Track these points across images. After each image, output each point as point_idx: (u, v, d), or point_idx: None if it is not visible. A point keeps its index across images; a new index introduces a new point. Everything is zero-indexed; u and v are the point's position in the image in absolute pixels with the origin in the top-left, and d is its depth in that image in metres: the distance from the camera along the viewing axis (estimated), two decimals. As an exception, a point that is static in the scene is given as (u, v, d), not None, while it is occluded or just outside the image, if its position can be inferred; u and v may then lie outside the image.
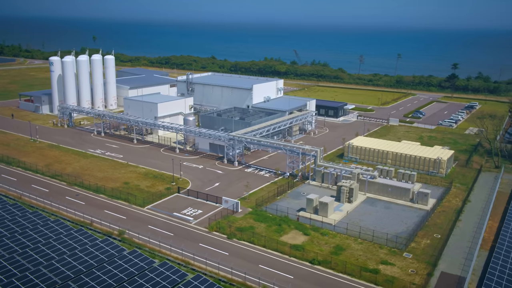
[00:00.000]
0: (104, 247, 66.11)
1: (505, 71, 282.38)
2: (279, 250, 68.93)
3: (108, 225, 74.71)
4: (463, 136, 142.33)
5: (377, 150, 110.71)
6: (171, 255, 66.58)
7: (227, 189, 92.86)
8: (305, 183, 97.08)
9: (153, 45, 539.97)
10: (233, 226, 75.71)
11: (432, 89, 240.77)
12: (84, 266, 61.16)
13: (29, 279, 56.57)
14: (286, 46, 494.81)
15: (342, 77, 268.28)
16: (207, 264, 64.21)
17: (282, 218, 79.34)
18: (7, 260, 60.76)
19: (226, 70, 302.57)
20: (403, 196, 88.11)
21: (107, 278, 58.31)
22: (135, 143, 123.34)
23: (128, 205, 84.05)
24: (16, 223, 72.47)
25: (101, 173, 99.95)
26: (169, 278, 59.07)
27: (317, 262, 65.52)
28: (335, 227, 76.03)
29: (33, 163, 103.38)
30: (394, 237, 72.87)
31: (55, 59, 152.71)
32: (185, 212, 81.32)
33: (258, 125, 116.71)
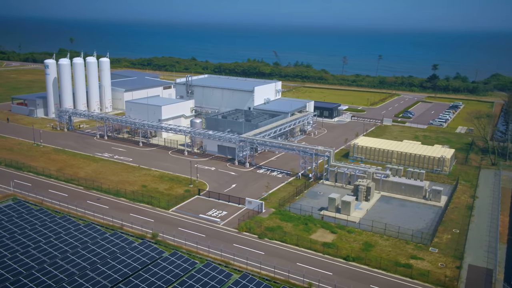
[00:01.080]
0: (144, 249, 66.95)
1: (481, 72, 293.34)
2: (312, 248, 71.24)
3: (140, 228, 75.34)
4: (455, 135, 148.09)
5: (382, 150, 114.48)
6: (210, 256, 67.94)
7: (245, 190, 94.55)
8: (319, 183, 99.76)
9: (134, 46, 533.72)
10: (262, 226, 77.58)
11: (415, 90, 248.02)
12: (129, 269, 61.97)
13: (79, 283, 57.07)
14: (267, 47, 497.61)
15: (326, 78, 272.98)
16: (248, 264, 65.89)
17: (307, 217, 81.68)
18: (51, 266, 60.94)
19: (210, 71, 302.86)
20: (416, 194, 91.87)
21: (155, 280, 59.35)
22: (141, 146, 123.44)
23: (152, 208, 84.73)
24: (47, 228, 72.33)
25: (116, 176, 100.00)
26: (215, 278, 60.54)
27: (351, 259, 68.15)
28: (360, 225, 78.89)
29: (44, 168, 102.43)
30: (418, 233, 76.27)
31: (50, 62, 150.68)
32: (210, 214, 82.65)
33: (265, 126, 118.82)
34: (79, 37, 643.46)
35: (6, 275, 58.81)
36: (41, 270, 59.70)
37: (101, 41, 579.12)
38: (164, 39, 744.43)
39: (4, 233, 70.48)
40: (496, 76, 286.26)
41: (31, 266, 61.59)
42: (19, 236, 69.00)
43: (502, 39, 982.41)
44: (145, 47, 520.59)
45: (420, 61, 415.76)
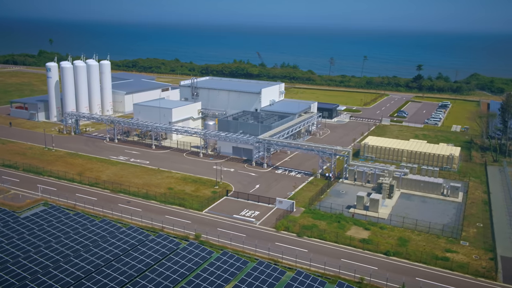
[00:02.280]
0: (194, 250, 68.41)
1: (461, 72, 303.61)
2: (351, 244, 74.10)
3: (183, 230, 76.62)
4: (452, 133, 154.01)
5: (392, 149, 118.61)
6: (257, 255, 69.93)
7: (269, 190, 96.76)
8: (338, 182, 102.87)
9: (119, 48, 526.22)
10: (297, 225, 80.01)
11: (401, 90, 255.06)
12: (185, 269, 63.41)
13: (142, 284, 58.23)
14: (250, 48, 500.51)
15: (314, 79, 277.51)
16: (297, 262, 68.23)
17: (337, 215, 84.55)
18: (109, 268, 61.78)
19: (196, 72, 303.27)
20: (435, 190, 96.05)
21: (214, 279, 60.99)
22: (153, 148, 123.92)
23: (185, 210, 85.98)
24: (91, 232, 72.80)
25: (139, 179, 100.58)
26: (271, 275, 62.63)
27: (392, 254, 71.35)
28: (391, 221, 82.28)
29: (64, 172, 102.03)
30: (446, 227, 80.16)
31: (52, 65, 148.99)
32: (243, 214, 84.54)
33: (278, 128, 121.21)
34: (64, 38, 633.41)
35: (66, 279, 59.35)
36: (100, 272, 60.52)
37: (83, 42, 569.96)
38: (149, 40, 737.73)
39: (49, 238, 70.64)
40: (475, 76, 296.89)
41: (88, 269, 62.25)
42: (66, 240, 69.30)
43: (480, 40, 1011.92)
44: (129, 49, 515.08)
45: (402, 62, 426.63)
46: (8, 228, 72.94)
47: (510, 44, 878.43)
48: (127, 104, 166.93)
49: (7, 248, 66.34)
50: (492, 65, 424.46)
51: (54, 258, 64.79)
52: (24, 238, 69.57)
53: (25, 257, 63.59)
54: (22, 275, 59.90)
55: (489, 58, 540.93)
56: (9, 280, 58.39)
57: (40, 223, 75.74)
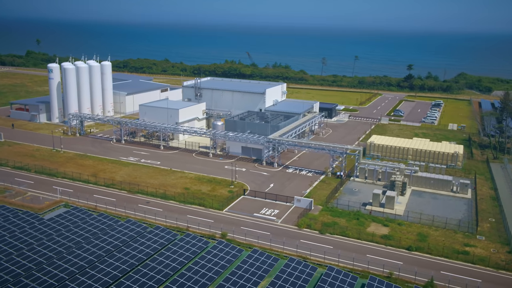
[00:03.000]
0: (224, 248, 69.67)
1: (448, 72, 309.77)
2: (373, 240, 76.24)
3: (208, 229, 77.73)
4: (450, 132, 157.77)
5: (398, 147, 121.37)
6: (285, 252, 71.53)
7: (284, 189, 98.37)
8: (350, 180, 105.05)
9: (106, 48, 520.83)
10: (318, 222, 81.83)
11: (393, 89, 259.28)
12: (219, 267, 64.68)
13: (180, 283, 59.36)
14: (239, 49, 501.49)
15: (306, 79, 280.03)
16: (325, 258, 70.05)
17: (355, 212, 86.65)
18: (145, 267, 62.67)
19: (188, 73, 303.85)
20: (444, 187, 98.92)
21: (249, 276, 62.38)
22: (162, 149, 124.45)
23: (205, 209, 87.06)
24: (119, 232, 73.44)
25: (153, 180, 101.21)
26: (304, 272, 64.31)
27: (414, 249, 73.68)
28: (408, 218, 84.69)
29: (78, 173, 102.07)
30: (460, 222, 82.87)
31: (54, 66, 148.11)
32: (263, 213, 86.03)
33: (286, 127, 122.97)
34: (54, 38, 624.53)
35: (104, 278, 60.08)
36: (138, 271, 61.40)
37: (72, 43, 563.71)
38: (140, 40, 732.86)
39: (78, 239, 71.07)
40: (463, 75, 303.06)
41: (123, 269, 63.04)
42: (96, 241, 69.84)
43: (468, 41, 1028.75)
44: (119, 49, 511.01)
45: (393, 62, 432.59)
46: (35, 229, 73.12)
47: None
48: (128, 105, 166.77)
49: (39, 250, 66.63)
50: (491, 66, 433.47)
51: (88, 258, 65.37)
52: (54, 239, 69.89)
53: (59, 258, 64.07)
54: (59, 276, 60.40)
55: (493, 58, 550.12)
56: (48, 281, 58.85)
57: (66, 224, 76.05)
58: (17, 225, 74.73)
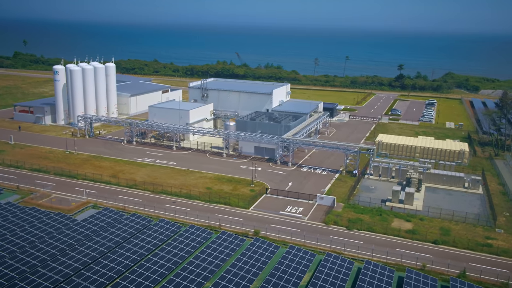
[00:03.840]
0: (261, 245, 71.77)
1: (436, 71, 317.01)
2: (400, 235, 79.30)
3: (241, 228, 79.69)
4: (449, 130, 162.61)
5: (406, 145, 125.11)
6: (319, 248, 74.01)
7: (303, 187, 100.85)
8: (364, 178, 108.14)
9: (94, 49, 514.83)
10: (344, 219, 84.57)
11: (384, 88, 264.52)
12: (261, 263, 66.78)
13: (222, 283, 61.34)
14: (227, 49, 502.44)
15: (299, 79, 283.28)
16: (359, 253, 72.80)
17: (377, 208, 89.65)
18: (191, 264, 64.40)
19: (181, 73, 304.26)
20: (457, 183, 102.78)
21: (292, 271, 64.69)
22: (174, 150, 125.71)
23: (231, 208, 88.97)
24: (156, 231, 74.83)
25: (174, 180, 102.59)
26: (342, 266, 66.88)
27: (440, 242, 76.99)
28: (428, 213, 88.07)
29: (99, 175, 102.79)
30: (477, 216, 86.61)
31: (60, 68, 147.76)
32: (289, 210, 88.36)
33: (297, 127, 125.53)
34: (41, 39, 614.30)
35: (153, 276, 61.62)
36: (184, 269, 63.10)
37: (61, 43, 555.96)
38: (130, 41, 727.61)
39: (117, 239, 72.24)
40: (450, 74, 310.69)
41: (169, 267, 64.67)
42: (136, 240, 71.17)
43: (454, 41, 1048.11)
44: (107, 50, 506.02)
45: (383, 63, 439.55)
46: (72, 230, 73.97)
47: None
48: (132, 106, 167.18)
49: (82, 250, 67.62)
50: (477, 66, 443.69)
51: (131, 257, 66.75)
52: (93, 240, 70.96)
53: (104, 258, 65.30)
54: (108, 275, 61.69)
55: (479, 59, 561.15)
56: (98, 280, 60.13)
57: (101, 224, 77.07)
58: (53, 227, 75.48)
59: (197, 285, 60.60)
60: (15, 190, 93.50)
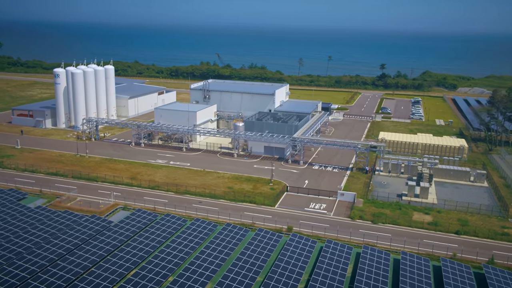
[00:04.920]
0: (300, 240, 74.81)
1: (414, 70, 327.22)
2: (424, 227, 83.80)
3: (274, 225, 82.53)
4: (440, 127, 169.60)
5: (408, 142, 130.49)
6: (353, 242, 77.64)
7: (320, 184, 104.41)
8: (374, 174, 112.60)
9: (70, 50, 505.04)
10: (367, 213, 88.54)
11: (368, 87, 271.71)
12: (304, 257, 69.90)
13: (269, 285, 64.20)
14: (206, 50, 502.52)
15: (284, 79, 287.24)
16: (391, 245, 76.82)
17: (395, 203, 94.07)
18: (239, 260, 66.88)
19: (165, 75, 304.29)
20: (463, 177, 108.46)
21: (336, 263, 68.08)
22: (184, 151, 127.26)
23: (257, 206, 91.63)
24: (194, 230, 76.89)
25: (193, 180, 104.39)
26: (381, 258, 70.67)
27: (462, 232, 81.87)
28: (445, 206, 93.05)
29: (120, 177, 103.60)
30: (490, 207, 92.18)
31: (60, 71, 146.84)
32: (313, 207, 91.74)
33: (303, 127, 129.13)
34: (20, 41, 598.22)
35: (204, 273, 63.84)
36: (230, 271, 65.56)
37: (39, 45, 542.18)
38: (110, 42, 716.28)
39: (159, 238, 73.98)
40: (427, 73, 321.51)
41: (218, 263, 67.00)
42: (179, 239, 73.05)
43: (431, 40, 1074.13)
44: (84, 52, 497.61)
45: (361, 62, 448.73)
46: (113, 231, 75.20)
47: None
48: (130, 108, 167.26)
49: (129, 250, 69.09)
50: (452, 65, 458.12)
51: (179, 256, 68.71)
52: (137, 240, 72.45)
53: (154, 257, 67.05)
54: (162, 273, 63.56)
55: (455, 58, 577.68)
56: (150, 280, 61.92)
57: (138, 225, 78.48)
58: (92, 229, 76.37)
59: (251, 279, 63.15)
60: (39, 194, 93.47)
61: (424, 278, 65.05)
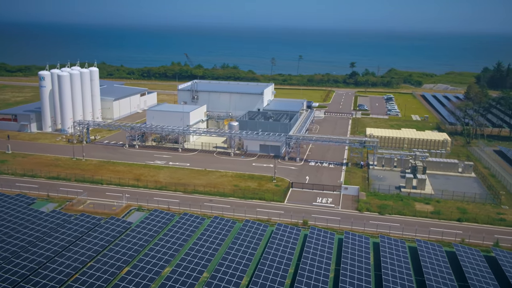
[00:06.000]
0: (320, 232, 78.19)
1: (380, 68, 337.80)
2: (428, 216, 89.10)
3: (290, 220, 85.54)
4: (418, 122, 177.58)
5: (394, 137, 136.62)
6: (368, 232, 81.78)
7: (320, 180, 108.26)
8: (369, 169, 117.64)
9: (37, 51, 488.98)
10: (373, 205, 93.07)
11: (340, 85, 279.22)
12: (328, 248, 73.38)
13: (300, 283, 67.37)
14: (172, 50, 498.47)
15: (257, 78, 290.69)
16: (403, 233, 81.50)
17: (395, 195, 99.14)
18: (268, 256, 69.52)
19: (137, 76, 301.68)
20: (452, 169, 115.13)
21: (358, 253, 71.90)
22: (180, 151, 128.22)
23: (267, 202, 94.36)
24: (216, 227, 78.84)
25: (197, 180, 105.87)
26: (398, 246, 75.08)
27: (464, 220, 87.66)
28: (442, 196, 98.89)
29: (126, 179, 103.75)
30: (483, 196, 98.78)
31: (46, 74, 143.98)
32: (320, 201, 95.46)
33: (296, 125, 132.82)
34: None
35: (238, 267, 66.18)
36: (262, 264, 68.17)
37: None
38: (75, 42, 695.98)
39: (183, 237, 75.54)
40: (393, 71, 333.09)
41: (245, 263, 69.39)
42: (204, 237, 74.90)
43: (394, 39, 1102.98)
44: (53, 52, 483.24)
45: (330, 62, 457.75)
46: (136, 232, 76.10)
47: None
48: (115, 110, 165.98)
49: (159, 249, 70.35)
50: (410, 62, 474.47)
51: (208, 252, 70.61)
52: (163, 239, 73.75)
53: (185, 254, 68.72)
54: (197, 269, 65.39)
55: (414, 55, 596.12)
56: (188, 276, 63.73)
57: (159, 225, 79.63)
58: (114, 230, 76.90)
59: (284, 271, 65.96)
60: (47, 199, 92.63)
61: (442, 262, 69.81)
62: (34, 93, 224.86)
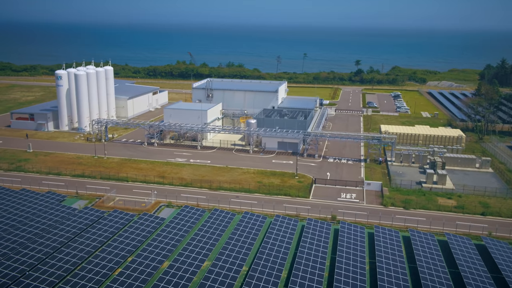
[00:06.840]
0: (351, 227, 79.80)
1: (384, 66, 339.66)
2: (452, 211, 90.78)
3: (318, 215, 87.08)
4: (429, 119, 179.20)
5: (410, 134, 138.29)
6: (396, 226, 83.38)
7: (341, 176, 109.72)
8: (388, 165, 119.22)
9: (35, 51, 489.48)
10: (397, 200, 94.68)
11: (346, 83, 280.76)
12: (361, 241, 74.94)
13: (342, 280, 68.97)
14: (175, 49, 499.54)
15: (263, 76, 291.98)
16: (431, 228, 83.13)
17: (417, 190, 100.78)
18: (304, 248, 71.10)
19: (143, 75, 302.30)
20: (470, 164, 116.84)
21: (391, 246, 73.50)
22: (199, 149, 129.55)
23: (292, 198, 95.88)
24: (248, 223, 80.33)
25: (221, 177, 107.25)
26: (428, 239, 76.73)
27: (488, 214, 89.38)
28: (464, 190, 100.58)
29: (151, 176, 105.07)
30: (504, 190, 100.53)
31: (63, 73, 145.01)
32: (344, 197, 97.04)
33: (312, 122, 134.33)
34: None
35: (279, 263, 67.67)
36: (299, 257, 69.72)
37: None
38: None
39: (217, 233, 76.98)
40: (397, 68, 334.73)
41: (282, 257, 70.91)
42: (238, 231, 76.35)
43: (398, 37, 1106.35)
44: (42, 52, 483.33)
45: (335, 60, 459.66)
46: (172, 227, 77.45)
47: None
48: (129, 109, 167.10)
49: (202, 246, 71.78)
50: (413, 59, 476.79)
51: (245, 246, 72.08)
52: (199, 234, 75.18)
53: (223, 248, 70.16)
54: (237, 263, 66.87)
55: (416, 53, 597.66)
56: (229, 270, 65.24)
57: (192, 221, 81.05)
58: (148, 226, 78.33)
59: (321, 264, 67.52)
60: (77, 196, 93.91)
61: (474, 255, 71.49)
62: (44, 92, 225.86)
